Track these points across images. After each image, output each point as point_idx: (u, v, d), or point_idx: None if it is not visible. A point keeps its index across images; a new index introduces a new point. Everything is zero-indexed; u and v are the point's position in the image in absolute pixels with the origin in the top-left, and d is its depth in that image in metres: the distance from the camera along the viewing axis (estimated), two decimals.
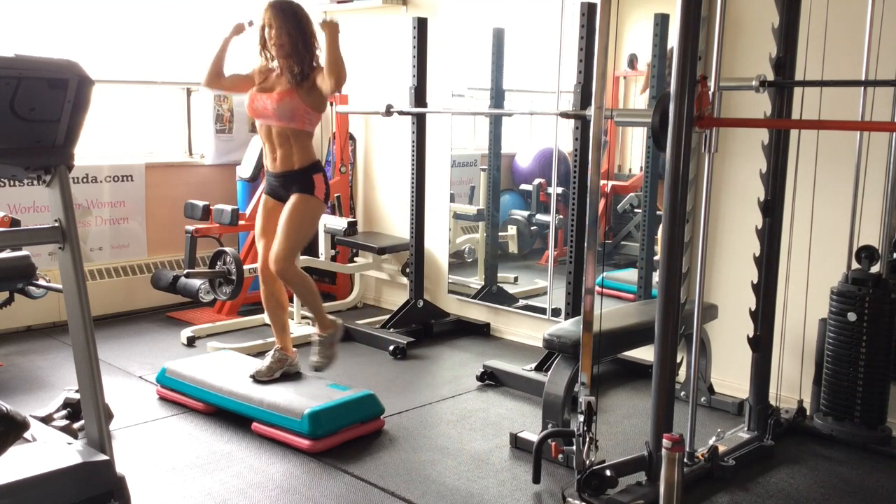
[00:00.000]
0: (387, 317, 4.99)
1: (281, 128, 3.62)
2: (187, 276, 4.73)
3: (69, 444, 2.42)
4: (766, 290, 3.27)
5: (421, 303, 4.98)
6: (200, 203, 4.90)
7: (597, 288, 2.79)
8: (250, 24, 3.75)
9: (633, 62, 4.72)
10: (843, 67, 3.42)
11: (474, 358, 4.51)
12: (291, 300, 4.63)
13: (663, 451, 2.52)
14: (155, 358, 4.37)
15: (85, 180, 5.10)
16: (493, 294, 5.20)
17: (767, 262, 3.26)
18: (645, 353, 3.93)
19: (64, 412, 3.15)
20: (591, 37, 3.87)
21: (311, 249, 5.42)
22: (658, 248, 4.21)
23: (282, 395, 3.44)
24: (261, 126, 3.72)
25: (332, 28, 3.49)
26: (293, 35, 3.58)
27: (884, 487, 3.08)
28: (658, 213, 4.35)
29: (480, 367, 4.16)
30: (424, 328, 4.95)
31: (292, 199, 3.65)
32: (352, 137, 5.72)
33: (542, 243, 5.55)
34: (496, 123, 5.23)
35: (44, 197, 3.87)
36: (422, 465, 3.18)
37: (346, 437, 3.34)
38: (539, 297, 5.10)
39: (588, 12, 3.87)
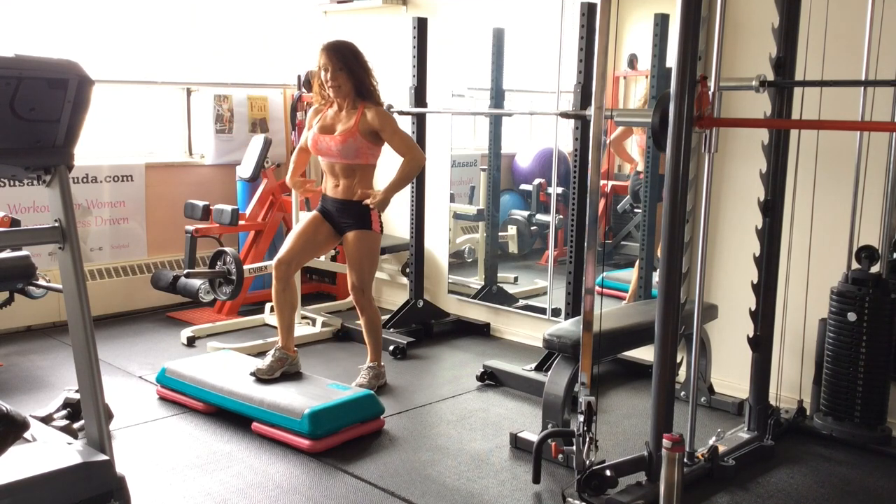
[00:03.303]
0: (387, 317, 4.98)
1: (347, 164, 3.81)
2: (187, 276, 4.73)
3: (69, 444, 2.41)
4: (766, 290, 3.27)
5: (421, 303, 4.98)
6: (200, 203, 4.90)
7: (597, 288, 2.79)
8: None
9: (633, 62, 4.72)
10: (843, 67, 3.42)
11: (474, 358, 4.51)
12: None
13: (663, 451, 2.52)
14: (155, 358, 4.37)
15: (85, 180, 5.10)
16: (493, 294, 5.20)
17: (767, 262, 3.25)
18: (645, 353, 3.93)
19: (64, 412, 3.15)
20: (591, 37, 3.88)
21: None
22: (658, 247, 4.21)
23: (282, 395, 3.44)
24: (324, 161, 3.88)
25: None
26: (350, 74, 3.77)
27: (884, 487, 3.08)
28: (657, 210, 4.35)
29: (480, 367, 4.15)
30: (424, 328, 4.95)
31: (353, 236, 3.85)
32: None
33: (542, 243, 5.55)
34: (496, 123, 5.23)
35: (44, 197, 3.87)
36: (422, 465, 3.18)
37: (346, 437, 3.34)
38: (539, 297, 5.10)
39: (588, 12, 3.88)
